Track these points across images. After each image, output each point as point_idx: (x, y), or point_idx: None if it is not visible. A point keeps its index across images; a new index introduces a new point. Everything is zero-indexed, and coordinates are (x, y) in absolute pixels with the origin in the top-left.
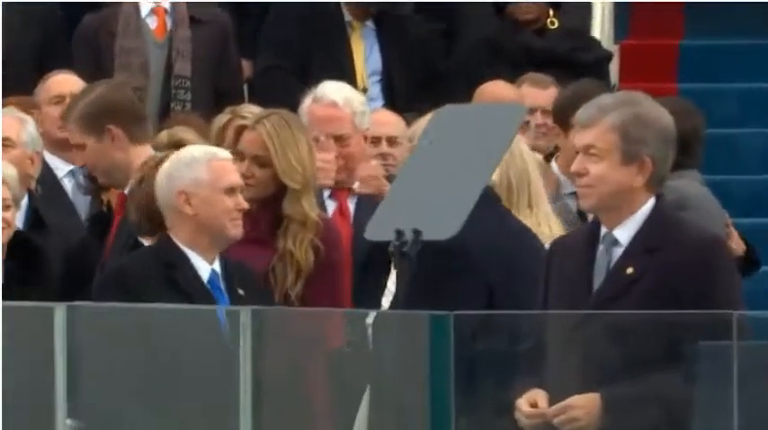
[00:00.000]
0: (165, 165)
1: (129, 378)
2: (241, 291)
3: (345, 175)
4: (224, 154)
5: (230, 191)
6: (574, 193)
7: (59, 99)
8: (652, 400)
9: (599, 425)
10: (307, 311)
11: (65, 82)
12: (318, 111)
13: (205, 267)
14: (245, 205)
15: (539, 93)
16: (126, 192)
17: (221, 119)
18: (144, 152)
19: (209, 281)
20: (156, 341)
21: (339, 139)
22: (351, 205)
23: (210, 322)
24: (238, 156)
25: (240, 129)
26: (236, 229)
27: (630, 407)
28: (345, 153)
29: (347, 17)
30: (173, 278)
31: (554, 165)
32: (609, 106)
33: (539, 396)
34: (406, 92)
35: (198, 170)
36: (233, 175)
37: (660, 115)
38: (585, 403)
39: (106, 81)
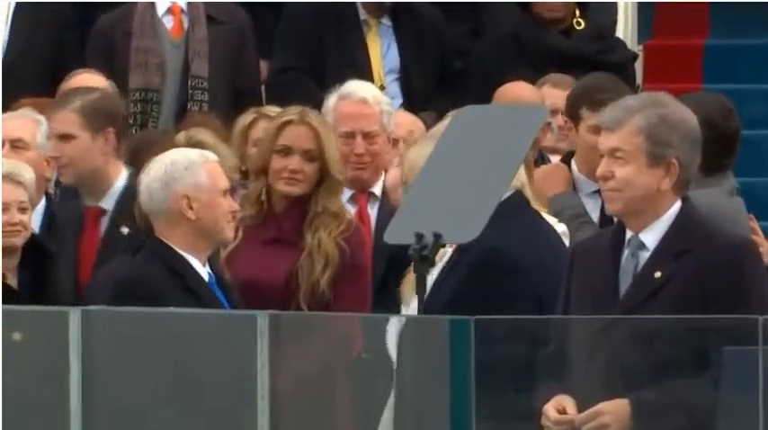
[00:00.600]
0: (156, 170)
1: (145, 383)
2: (233, 293)
3: (371, 174)
4: (214, 156)
5: (226, 193)
6: (595, 193)
7: None
8: (679, 406)
9: None
10: (326, 316)
11: (89, 81)
12: (347, 108)
13: (204, 271)
14: (237, 207)
15: (561, 94)
16: (103, 205)
17: (246, 118)
18: (119, 168)
19: (210, 284)
20: (171, 346)
21: (367, 136)
22: (371, 211)
23: (226, 326)
24: (283, 152)
25: (284, 125)
26: (231, 232)
27: (659, 412)
28: (373, 151)
29: (362, 15)
30: (187, 285)
31: (573, 165)
32: (634, 108)
33: (566, 402)
34: (424, 90)
35: (197, 174)
36: (225, 178)
37: (686, 117)
38: (615, 409)
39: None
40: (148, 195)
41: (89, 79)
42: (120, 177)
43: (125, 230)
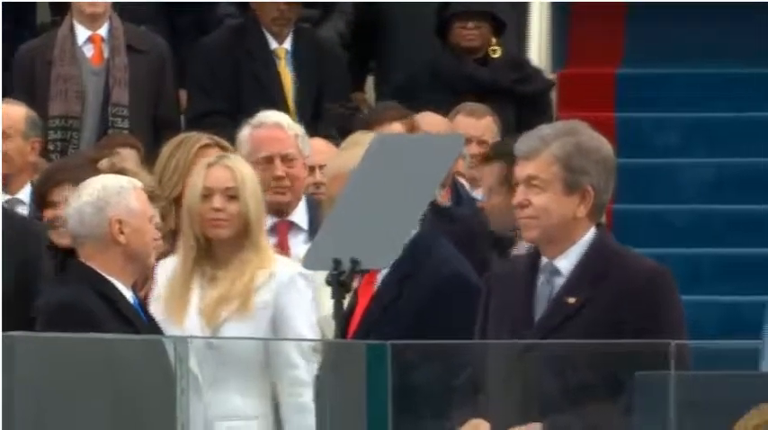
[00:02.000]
0: (88, 195)
1: (71, 410)
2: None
3: (291, 198)
4: (139, 183)
5: (152, 219)
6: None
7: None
8: None
9: None
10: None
11: (10, 110)
12: (263, 134)
13: (129, 295)
14: (159, 235)
15: (474, 123)
16: None
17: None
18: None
19: (135, 307)
20: (96, 371)
21: (285, 160)
22: (291, 239)
23: (156, 351)
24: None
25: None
26: (153, 259)
27: None
28: (292, 175)
29: (272, 45)
30: (117, 309)
31: None
32: (549, 137)
33: (481, 426)
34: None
35: (129, 199)
36: (150, 205)
37: (601, 144)
38: None
39: None
40: (79, 219)
41: (10, 108)
42: None
43: None
